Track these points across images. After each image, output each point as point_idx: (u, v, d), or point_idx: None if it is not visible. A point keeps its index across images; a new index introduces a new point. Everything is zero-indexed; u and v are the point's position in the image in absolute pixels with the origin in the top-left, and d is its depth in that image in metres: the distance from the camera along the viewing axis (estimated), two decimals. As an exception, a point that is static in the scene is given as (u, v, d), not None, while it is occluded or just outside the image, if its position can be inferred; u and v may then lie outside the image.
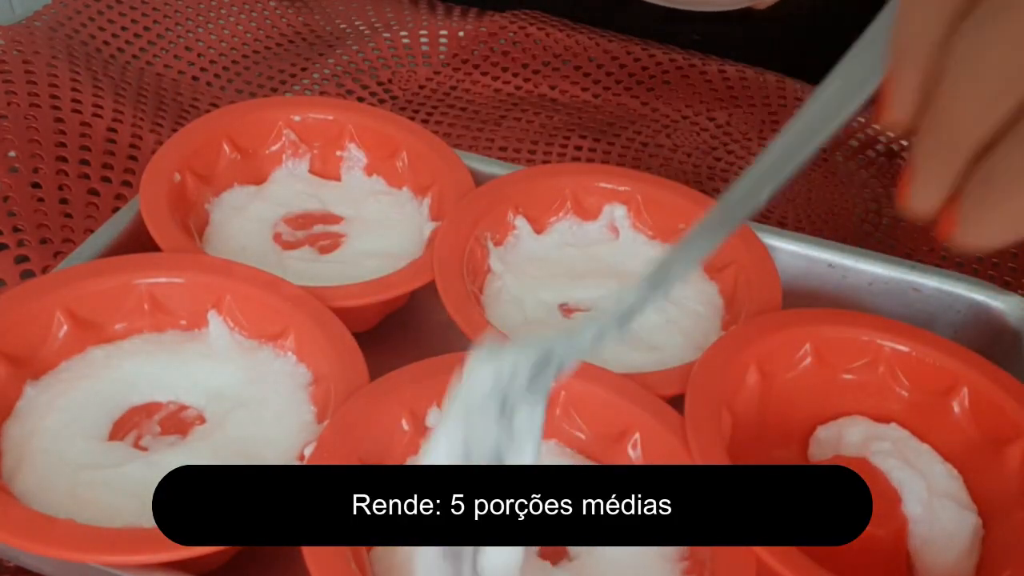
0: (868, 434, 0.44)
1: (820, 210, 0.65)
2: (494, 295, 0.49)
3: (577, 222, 0.54)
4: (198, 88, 0.69)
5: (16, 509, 0.35)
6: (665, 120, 0.71)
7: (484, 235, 0.51)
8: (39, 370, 0.42)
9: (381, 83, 0.72)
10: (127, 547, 0.34)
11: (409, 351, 0.44)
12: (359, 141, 0.56)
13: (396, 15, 0.79)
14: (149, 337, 0.45)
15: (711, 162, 0.68)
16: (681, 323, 0.49)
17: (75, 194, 0.56)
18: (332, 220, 0.54)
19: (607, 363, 0.43)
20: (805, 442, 0.45)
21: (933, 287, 0.51)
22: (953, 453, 0.43)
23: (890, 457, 0.42)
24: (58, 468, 0.39)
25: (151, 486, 0.38)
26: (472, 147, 0.66)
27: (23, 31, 0.66)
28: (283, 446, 0.40)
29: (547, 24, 0.77)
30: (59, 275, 0.44)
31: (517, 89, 0.74)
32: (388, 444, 0.40)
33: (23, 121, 0.59)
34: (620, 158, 0.67)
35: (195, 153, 0.52)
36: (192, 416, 0.43)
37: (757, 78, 0.75)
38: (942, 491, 0.41)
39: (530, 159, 0.66)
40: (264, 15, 0.77)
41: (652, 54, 0.76)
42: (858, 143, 0.71)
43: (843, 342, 0.46)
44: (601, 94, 0.74)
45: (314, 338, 0.43)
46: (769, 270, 0.49)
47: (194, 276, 0.45)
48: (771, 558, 0.36)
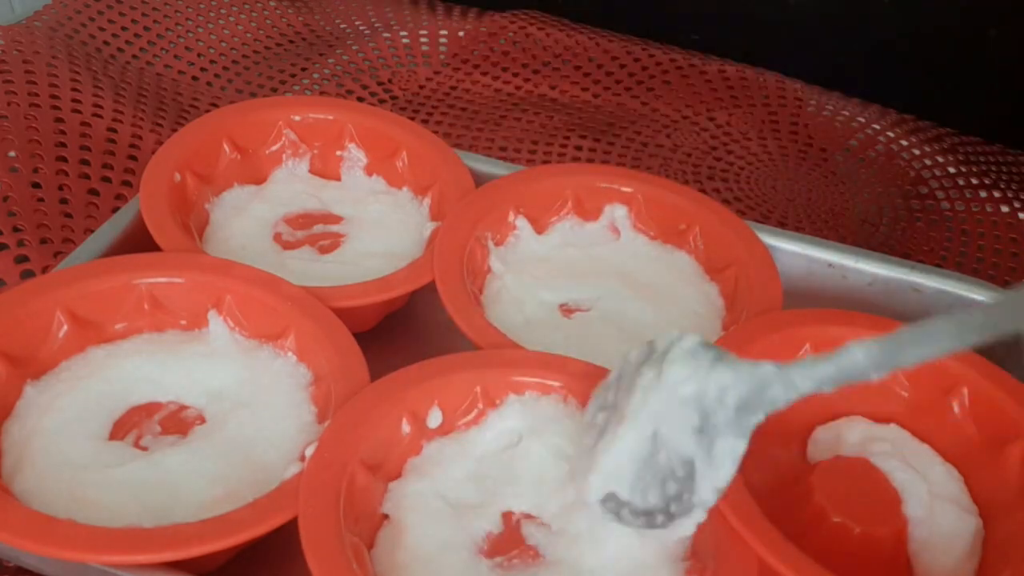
0: (868, 434, 0.44)
1: (820, 210, 0.65)
2: (494, 295, 0.49)
3: (578, 222, 0.54)
4: (198, 88, 0.69)
5: (16, 509, 0.35)
6: (665, 120, 0.71)
7: (485, 235, 0.51)
8: (39, 370, 0.42)
9: (381, 83, 0.72)
10: (127, 547, 0.34)
11: (409, 351, 0.44)
12: (359, 141, 0.56)
13: (396, 15, 0.79)
14: (149, 337, 0.45)
15: (711, 162, 0.68)
16: (682, 323, 0.49)
17: (75, 194, 0.56)
18: (332, 220, 0.54)
19: (609, 363, 0.43)
20: (804, 442, 0.45)
21: (933, 287, 0.51)
22: (953, 453, 0.43)
23: (890, 458, 0.42)
24: (58, 468, 0.38)
25: (151, 486, 0.38)
26: (472, 147, 0.66)
27: (23, 31, 0.66)
28: (283, 446, 0.40)
29: (547, 24, 0.77)
30: (59, 275, 0.44)
31: (517, 89, 0.74)
32: (389, 445, 0.40)
33: (23, 121, 0.59)
34: (620, 158, 0.67)
35: (195, 153, 0.52)
36: (192, 416, 0.42)
37: (757, 78, 0.75)
38: (943, 493, 0.41)
39: (530, 159, 0.66)
40: (264, 15, 0.77)
41: (652, 54, 0.76)
42: (858, 143, 0.71)
43: (843, 342, 0.45)
44: (601, 94, 0.74)
45: (314, 338, 0.43)
46: (770, 270, 0.49)
47: (194, 276, 0.45)
48: (772, 558, 0.35)
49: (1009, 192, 0.67)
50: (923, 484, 0.41)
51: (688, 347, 0.34)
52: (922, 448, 0.43)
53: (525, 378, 0.42)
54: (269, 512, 0.36)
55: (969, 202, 0.66)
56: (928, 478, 0.41)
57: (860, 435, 0.44)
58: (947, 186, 0.67)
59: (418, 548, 0.37)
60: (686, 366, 0.33)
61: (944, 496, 0.41)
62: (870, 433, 0.44)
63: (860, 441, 0.43)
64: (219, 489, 0.39)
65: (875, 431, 0.44)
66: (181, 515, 0.37)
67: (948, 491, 0.41)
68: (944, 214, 0.65)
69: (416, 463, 0.41)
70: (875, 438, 0.43)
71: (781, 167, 0.68)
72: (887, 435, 0.44)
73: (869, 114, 0.73)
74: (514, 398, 0.42)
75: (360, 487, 0.38)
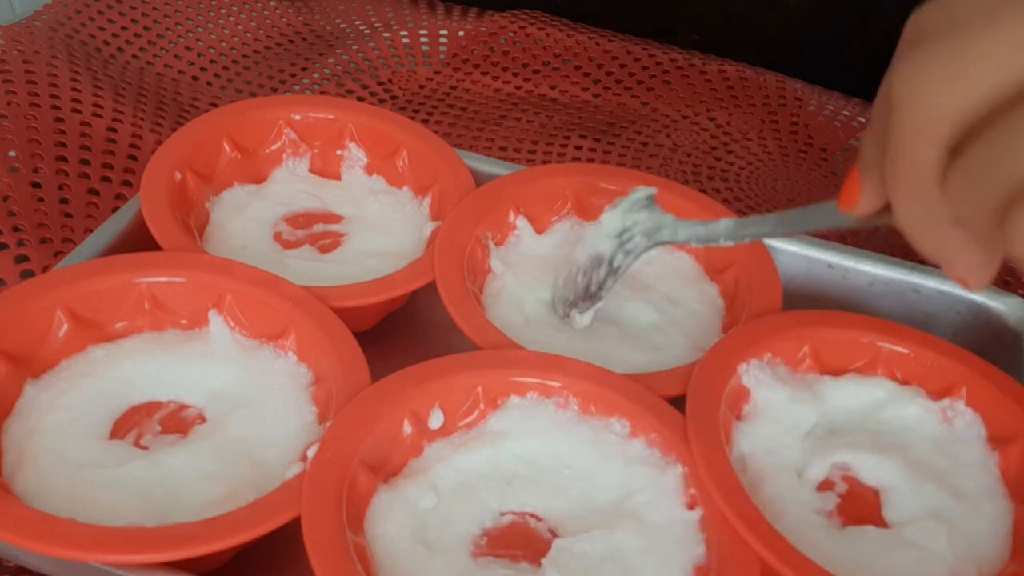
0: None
1: (820, 211, 0.65)
2: (494, 295, 0.49)
3: (578, 222, 0.54)
4: (198, 88, 0.69)
5: (17, 508, 0.35)
6: (665, 120, 0.71)
7: (485, 235, 0.51)
8: (39, 369, 0.42)
9: (381, 83, 0.72)
10: (127, 547, 0.34)
11: (409, 351, 0.44)
12: (359, 140, 0.56)
13: (396, 15, 0.79)
14: (150, 336, 0.45)
15: (711, 162, 0.68)
16: (682, 324, 0.49)
17: (75, 194, 0.56)
18: (332, 219, 0.54)
19: (610, 363, 0.43)
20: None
21: (933, 288, 0.51)
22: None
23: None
24: (59, 467, 0.38)
25: (152, 485, 0.38)
26: (472, 147, 0.66)
27: (23, 31, 0.66)
28: (284, 446, 0.40)
29: (547, 24, 0.77)
30: (59, 274, 0.44)
31: (517, 89, 0.74)
32: (390, 446, 0.40)
33: (23, 121, 0.59)
34: (620, 158, 0.67)
35: (195, 152, 0.52)
36: (192, 415, 0.42)
37: (757, 78, 0.75)
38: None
39: (530, 159, 0.66)
40: (264, 15, 0.77)
41: (652, 54, 0.76)
42: (858, 143, 0.71)
43: (843, 344, 0.46)
44: (601, 94, 0.74)
45: (315, 338, 0.43)
46: (770, 271, 0.49)
47: (195, 275, 0.45)
48: (773, 558, 0.36)
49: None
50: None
51: (630, 199, 0.46)
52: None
53: (526, 379, 0.42)
54: (270, 512, 0.36)
55: (969, 202, 0.66)
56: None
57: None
58: (947, 186, 0.67)
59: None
60: (618, 210, 0.46)
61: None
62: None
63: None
64: (219, 489, 0.39)
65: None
66: (182, 515, 0.37)
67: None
68: (944, 214, 0.65)
69: (416, 463, 0.41)
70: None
71: (781, 167, 0.68)
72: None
73: (869, 114, 0.73)
74: (515, 399, 0.42)
75: (361, 487, 0.38)
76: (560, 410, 0.42)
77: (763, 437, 0.43)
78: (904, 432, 0.44)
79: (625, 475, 0.41)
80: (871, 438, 0.43)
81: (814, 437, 0.43)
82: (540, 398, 0.42)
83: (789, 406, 0.43)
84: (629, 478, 0.40)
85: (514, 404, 0.42)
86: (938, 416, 0.44)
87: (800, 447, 0.43)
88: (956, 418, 0.44)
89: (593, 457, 0.41)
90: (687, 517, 0.39)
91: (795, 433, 0.43)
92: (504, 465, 0.41)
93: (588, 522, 0.39)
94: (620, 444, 0.41)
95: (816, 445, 0.43)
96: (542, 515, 0.40)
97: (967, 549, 0.39)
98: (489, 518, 0.39)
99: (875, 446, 0.43)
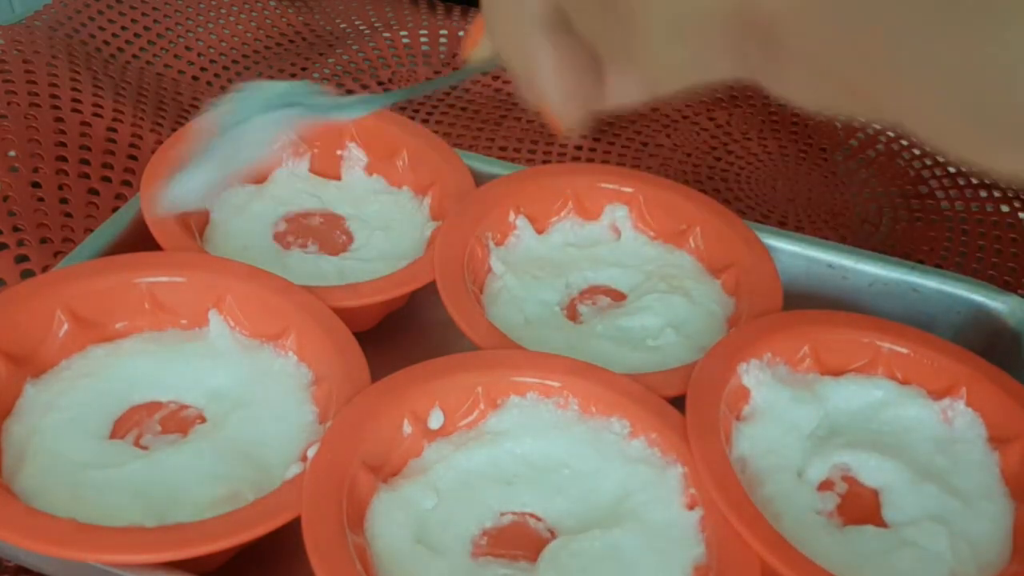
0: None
1: (820, 210, 0.65)
2: (494, 295, 0.49)
3: (578, 222, 0.54)
4: (198, 88, 0.69)
5: (17, 508, 0.35)
6: (665, 120, 0.71)
7: (485, 235, 0.51)
8: (40, 369, 0.42)
9: (381, 83, 0.72)
10: (127, 546, 0.34)
11: (409, 351, 0.44)
12: (359, 140, 0.56)
13: (396, 15, 0.79)
14: (150, 336, 0.45)
15: (711, 162, 0.68)
16: (682, 324, 0.49)
17: (75, 194, 0.56)
18: (332, 220, 0.54)
19: (610, 364, 0.43)
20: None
21: (933, 288, 0.51)
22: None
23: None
24: (59, 467, 0.38)
25: (152, 485, 0.38)
26: (472, 147, 0.66)
27: (23, 31, 0.66)
28: (284, 446, 0.40)
29: (547, 24, 0.77)
30: (60, 273, 0.44)
31: (517, 89, 0.74)
32: (390, 446, 0.40)
33: (23, 121, 0.59)
34: (620, 158, 0.67)
35: (195, 152, 0.52)
36: (193, 415, 0.42)
37: (757, 78, 0.75)
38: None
39: (530, 159, 0.66)
40: (264, 15, 0.77)
41: (652, 54, 0.76)
42: (858, 143, 0.71)
43: (843, 343, 0.46)
44: (601, 94, 0.73)
45: (315, 338, 0.43)
46: (770, 271, 0.49)
47: (195, 275, 0.45)
48: (773, 559, 0.36)
49: (1009, 192, 0.67)
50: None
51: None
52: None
53: (526, 379, 0.42)
54: (271, 512, 0.36)
55: (969, 202, 0.66)
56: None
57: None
58: (947, 186, 0.67)
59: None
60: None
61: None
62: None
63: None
64: (219, 489, 0.38)
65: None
66: (182, 515, 0.37)
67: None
68: (944, 214, 0.65)
69: (416, 463, 0.41)
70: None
71: (781, 167, 0.68)
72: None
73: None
74: (515, 399, 0.42)
75: (361, 488, 0.38)
76: (560, 410, 0.42)
77: (763, 437, 0.43)
78: (904, 432, 0.44)
79: (625, 475, 0.41)
80: (871, 438, 0.43)
81: (814, 437, 0.43)
82: (540, 398, 0.42)
83: (789, 406, 0.43)
84: (629, 478, 0.40)
85: (514, 404, 0.42)
86: (938, 416, 0.44)
87: (800, 447, 0.43)
88: (956, 418, 0.44)
89: (593, 457, 0.41)
90: (687, 517, 0.39)
91: (795, 433, 0.43)
92: (504, 465, 0.41)
93: (588, 522, 0.39)
94: (620, 444, 0.41)
95: (816, 445, 0.43)
96: (542, 515, 0.40)
97: (967, 549, 0.39)
98: (489, 518, 0.39)
99: (875, 446, 0.43)
